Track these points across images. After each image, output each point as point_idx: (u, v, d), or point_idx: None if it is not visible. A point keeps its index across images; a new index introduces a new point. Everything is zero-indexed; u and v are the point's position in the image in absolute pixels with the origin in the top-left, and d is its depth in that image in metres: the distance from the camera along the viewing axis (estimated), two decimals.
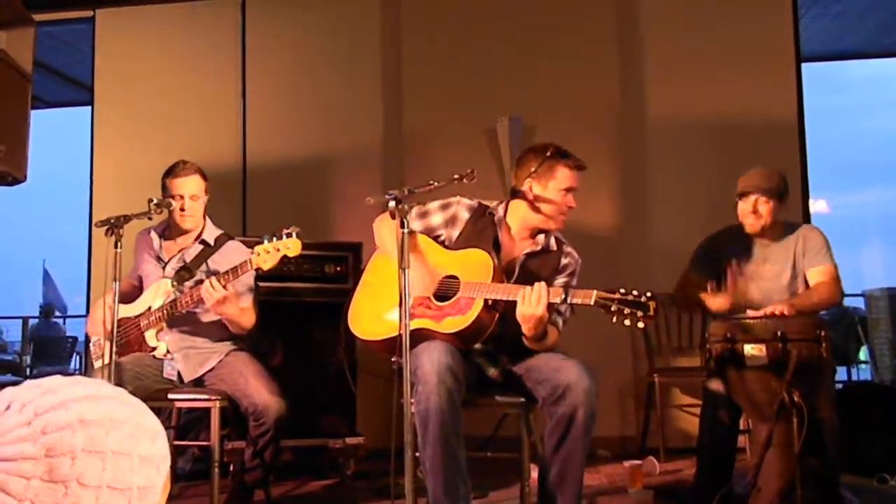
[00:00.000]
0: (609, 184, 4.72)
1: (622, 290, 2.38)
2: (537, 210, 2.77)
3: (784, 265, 3.16)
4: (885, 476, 3.43)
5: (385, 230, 2.87)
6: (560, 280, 2.76)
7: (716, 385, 2.92)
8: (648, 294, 2.37)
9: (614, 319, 2.38)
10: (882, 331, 7.13)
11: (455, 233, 2.82)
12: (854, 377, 7.38)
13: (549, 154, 2.75)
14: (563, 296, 2.49)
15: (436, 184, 2.48)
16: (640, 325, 2.37)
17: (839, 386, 4.58)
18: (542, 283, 2.51)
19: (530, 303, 2.47)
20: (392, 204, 2.30)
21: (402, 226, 2.30)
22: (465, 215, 2.84)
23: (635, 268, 4.47)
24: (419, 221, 2.84)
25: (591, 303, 2.43)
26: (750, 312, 2.95)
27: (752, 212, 3.12)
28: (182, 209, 3.18)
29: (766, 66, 4.67)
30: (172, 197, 3.17)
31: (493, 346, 2.77)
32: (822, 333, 2.58)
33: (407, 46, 4.96)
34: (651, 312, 2.35)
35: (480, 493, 3.37)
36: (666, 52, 4.77)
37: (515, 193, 2.80)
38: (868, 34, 6.40)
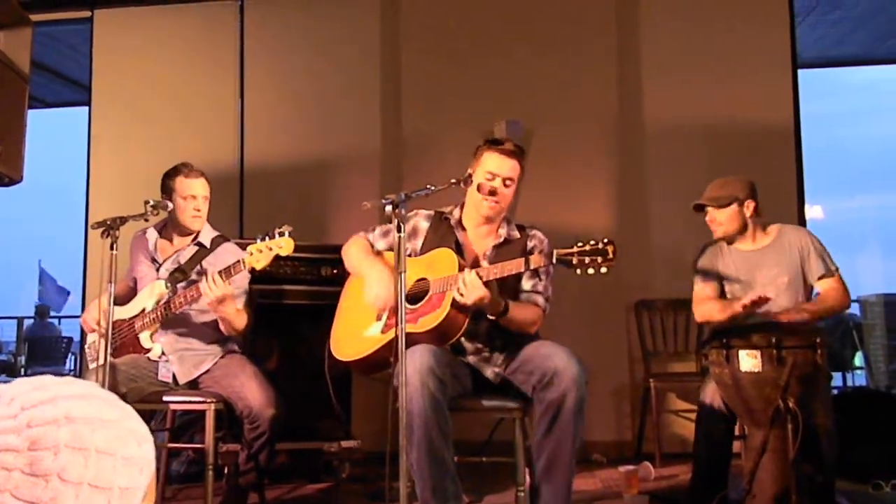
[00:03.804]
0: (607, 188, 4.73)
1: (579, 243, 2.44)
2: (472, 199, 2.84)
3: (778, 269, 3.15)
4: (880, 482, 3.43)
5: (353, 251, 2.99)
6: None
7: (711, 391, 2.92)
8: (605, 240, 2.42)
9: (578, 272, 2.43)
10: (877, 336, 7.16)
11: (418, 243, 2.89)
12: (849, 383, 7.40)
13: (483, 143, 2.85)
14: (525, 265, 2.57)
15: (433, 188, 2.48)
16: (604, 270, 2.41)
17: (834, 392, 4.58)
18: (468, 270, 2.58)
19: (468, 296, 2.53)
20: (389, 208, 2.30)
21: (399, 229, 2.30)
22: (424, 225, 2.93)
23: (635, 271, 4.48)
24: (383, 240, 2.97)
25: (553, 261, 2.49)
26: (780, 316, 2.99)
27: (711, 221, 3.22)
28: (197, 209, 3.20)
29: (763, 71, 4.68)
30: (184, 198, 3.17)
31: (486, 344, 2.78)
32: (819, 340, 2.58)
33: (406, 49, 4.96)
34: (611, 256, 2.40)
35: (476, 498, 3.36)
36: (664, 57, 4.78)
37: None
38: (865, 41, 6.43)
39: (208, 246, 3.26)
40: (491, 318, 2.67)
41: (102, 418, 0.82)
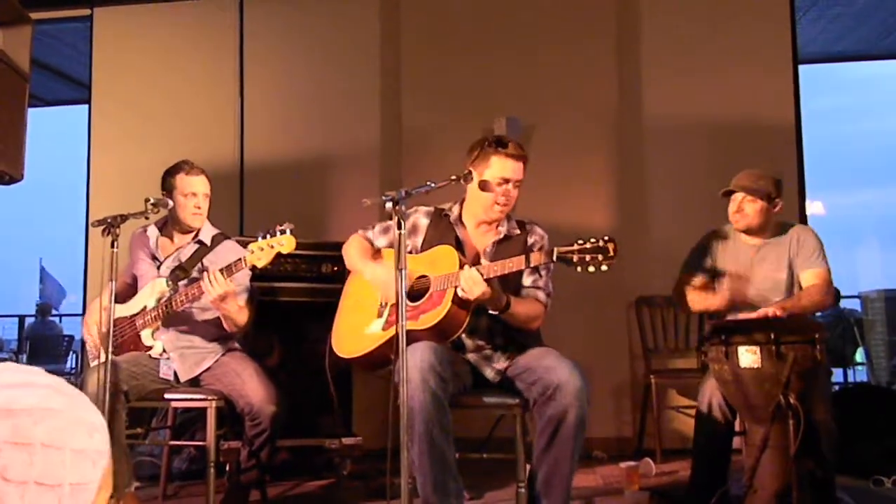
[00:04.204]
0: (607, 184, 4.72)
1: (580, 241, 2.43)
2: (477, 199, 2.82)
3: (778, 265, 3.16)
4: (880, 478, 3.43)
5: (351, 251, 2.98)
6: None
7: (711, 387, 2.92)
8: (606, 237, 2.41)
9: (579, 269, 2.43)
10: (878, 332, 7.15)
11: (418, 240, 2.89)
12: (850, 378, 7.39)
13: (486, 144, 2.80)
14: (525, 262, 2.55)
15: (433, 185, 2.48)
16: (604, 268, 2.40)
17: (835, 388, 4.58)
18: (468, 268, 2.57)
19: (471, 292, 2.52)
20: (389, 205, 2.30)
21: (399, 227, 2.30)
22: (424, 222, 2.92)
23: (635, 268, 4.48)
24: (383, 238, 2.96)
25: (554, 259, 2.48)
26: (742, 315, 2.99)
27: (737, 211, 3.18)
28: (197, 207, 3.20)
29: (764, 67, 4.68)
30: (185, 195, 3.18)
31: (487, 342, 2.79)
32: (818, 336, 2.58)
33: (405, 46, 4.95)
34: (612, 253, 2.40)
35: (476, 494, 3.37)
36: (664, 52, 4.78)
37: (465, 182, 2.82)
38: (865, 37, 6.41)
39: (209, 244, 3.26)
40: (493, 313, 2.67)
41: (47, 408, 0.74)
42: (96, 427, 0.79)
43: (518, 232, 2.87)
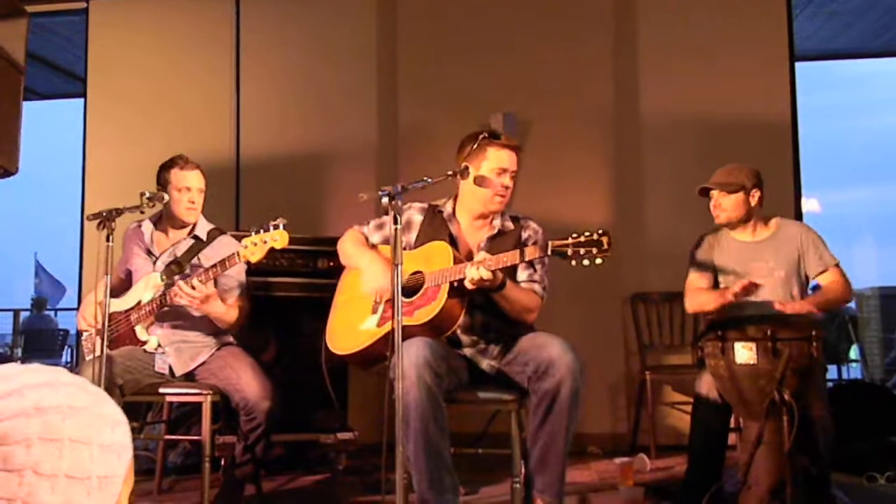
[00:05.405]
0: (603, 180, 4.72)
1: (574, 234, 2.44)
2: (474, 193, 2.82)
3: (775, 262, 3.16)
4: (874, 474, 3.44)
5: (347, 244, 2.98)
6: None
7: (707, 382, 2.93)
8: (600, 230, 2.42)
9: (573, 263, 2.43)
10: (872, 329, 7.19)
11: (412, 236, 2.89)
12: (844, 375, 7.42)
13: (480, 137, 2.81)
14: (520, 256, 2.55)
15: (430, 180, 2.48)
16: (599, 261, 2.41)
17: (830, 384, 4.60)
18: (467, 265, 2.57)
19: (478, 283, 2.53)
20: (385, 200, 2.30)
21: (395, 222, 2.30)
22: (418, 218, 2.93)
23: (630, 264, 4.48)
24: (377, 234, 2.96)
25: (549, 253, 2.49)
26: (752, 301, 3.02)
27: (715, 206, 3.23)
28: (191, 202, 3.20)
29: (761, 64, 4.68)
30: (179, 190, 3.17)
31: (482, 336, 2.79)
32: (814, 333, 2.59)
33: (402, 42, 4.94)
34: (606, 247, 2.40)
35: (472, 490, 3.38)
36: (661, 49, 4.77)
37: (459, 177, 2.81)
38: (862, 34, 6.42)
39: (205, 239, 3.26)
40: (488, 289, 2.64)
41: (73, 406, 0.79)
42: (119, 422, 0.84)
43: (512, 227, 2.87)
